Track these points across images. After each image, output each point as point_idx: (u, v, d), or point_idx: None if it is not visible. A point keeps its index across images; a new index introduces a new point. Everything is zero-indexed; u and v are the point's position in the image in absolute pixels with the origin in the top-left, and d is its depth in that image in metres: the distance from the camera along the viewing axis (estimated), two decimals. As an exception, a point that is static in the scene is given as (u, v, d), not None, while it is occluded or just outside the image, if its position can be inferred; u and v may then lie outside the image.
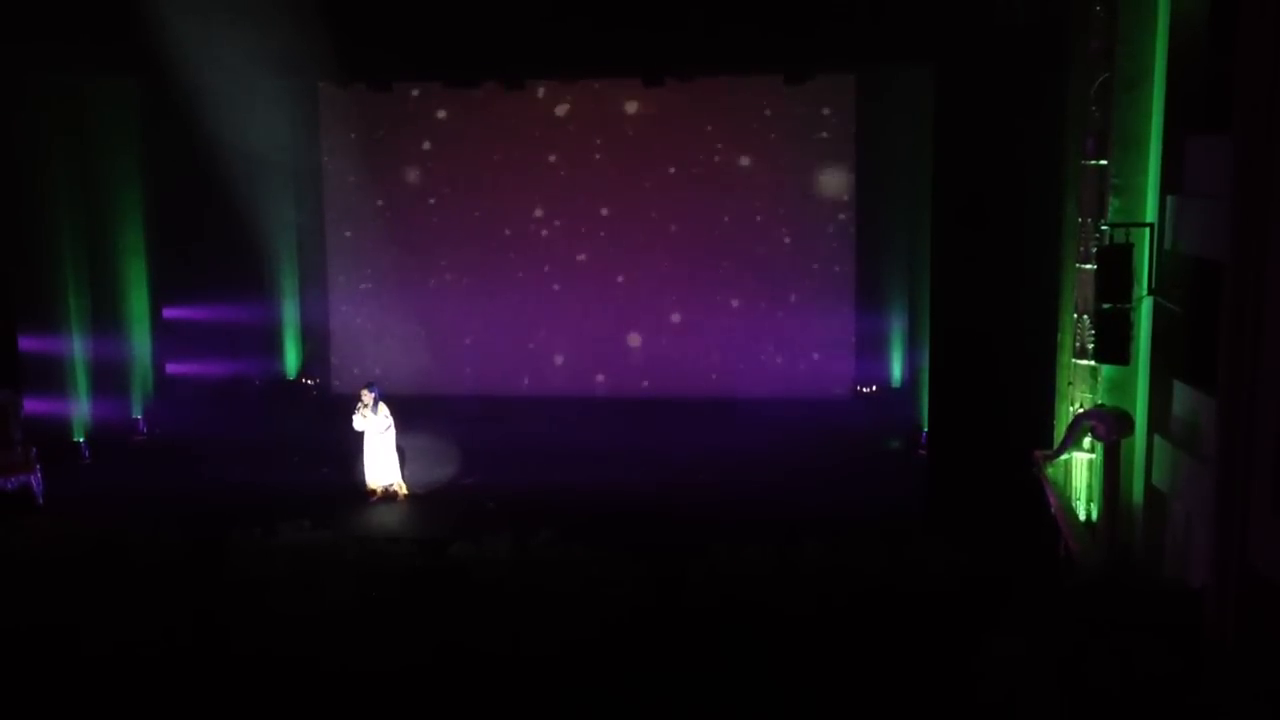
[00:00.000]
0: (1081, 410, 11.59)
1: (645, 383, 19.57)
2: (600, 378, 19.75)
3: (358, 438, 15.21)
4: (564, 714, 9.58)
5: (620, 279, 19.57)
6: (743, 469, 16.09)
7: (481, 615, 11.12)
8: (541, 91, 18.76)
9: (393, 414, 15.19)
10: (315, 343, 20.27)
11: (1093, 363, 11.36)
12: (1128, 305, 10.74)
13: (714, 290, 19.37)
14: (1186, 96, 10.44)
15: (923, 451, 15.74)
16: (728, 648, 10.21)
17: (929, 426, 15.01)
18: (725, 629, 10.57)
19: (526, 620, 10.95)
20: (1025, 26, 12.41)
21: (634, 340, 19.54)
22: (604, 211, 19.45)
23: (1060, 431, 12.15)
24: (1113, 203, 11.12)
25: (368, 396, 15.07)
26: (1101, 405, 11.34)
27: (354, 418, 15.06)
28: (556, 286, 19.64)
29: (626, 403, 19.18)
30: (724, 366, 19.50)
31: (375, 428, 15.01)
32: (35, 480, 14.92)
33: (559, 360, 19.78)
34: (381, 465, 15.10)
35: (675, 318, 19.49)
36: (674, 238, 19.33)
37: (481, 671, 10.09)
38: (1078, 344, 11.57)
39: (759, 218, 19.23)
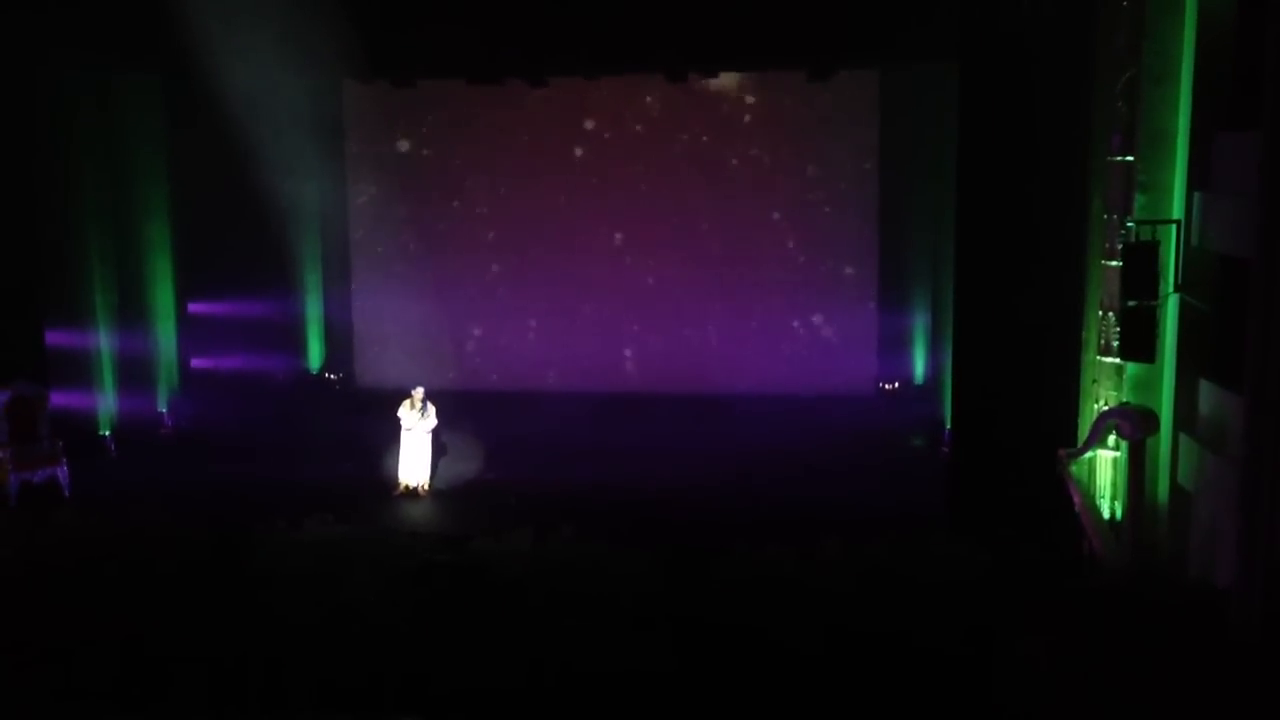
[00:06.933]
0: (1106, 408, 11.52)
1: (668, 379, 19.55)
2: (623, 374, 19.75)
3: (386, 434, 15.29)
4: (583, 713, 9.60)
5: (643, 274, 19.57)
6: (765, 465, 16.07)
7: (501, 610, 11.15)
8: (564, 88, 18.74)
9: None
10: (339, 338, 20.36)
11: (1118, 360, 11.28)
12: (1153, 302, 10.66)
13: (737, 286, 19.34)
14: (1214, 92, 10.35)
15: (946, 449, 15.68)
16: (748, 646, 10.21)
17: (952, 424, 14.94)
18: (746, 626, 10.56)
19: (546, 616, 10.97)
20: (1050, 22, 12.33)
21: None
22: (627, 207, 19.44)
23: (1084, 429, 12.08)
24: (1138, 199, 11.04)
25: (418, 394, 15.16)
26: (1126, 403, 11.27)
27: (401, 412, 15.12)
28: (580, 282, 19.65)
29: (648, 398, 19.17)
30: (747, 363, 19.46)
31: (422, 427, 15.11)
32: (62, 473, 15.06)
33: (583, 357, 19.78)
34: (417, 463, 15.19)
35: (698, 314, 19.47)
36: (697, 234, 19.31)
37: (500, 666, 10.13)
38: (1103, 341, 11.50)
39: (781, 214, 19.19)
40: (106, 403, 17.25)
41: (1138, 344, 10.76)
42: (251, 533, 13.21)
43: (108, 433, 17.19)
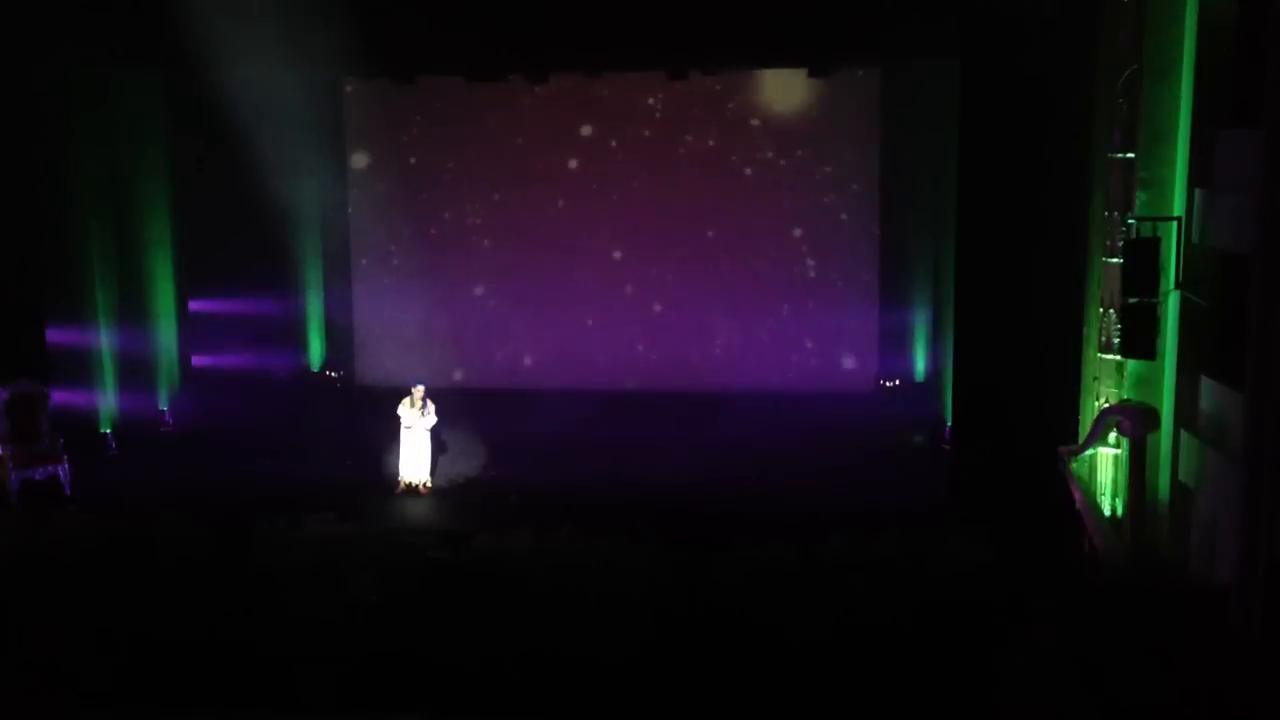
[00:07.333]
0: (1107, 405, 11.53)
1: (668, 377, 19.55)
2: (623, 371, 19.74)
3: (387, 431, 15.28)
4: (586, 709, 9.60)
5: (643, 272, 19.56)
6: (766, 463, 16.05)
7: (502, 609, 11.14)
8: (565, 87, 18.72)
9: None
10: (339, 335, 20.36)
11: (1119, 357, 11.29)
12: (1154, 299, 10.66)
13: (737, 283, 19.34)
14: (1215, 89, 10.35)
15: (947, 446, 15.69)
16: (751, 642, 10.21)
17: (953, 421, 14.95)
18: (749, 622, 10.56)
19: (547, 615, 10.97)
20: (1052, 19, 12.34)
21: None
22: (628, 206, 19.43)
23: (1085, 426, 12.09)
24: (1139, 196, 11.05)
25: (418, 392, 15.17)
26: (1127, 400, 11.27)
27: (401, 410, 15.13)
28: (580, 278, 19.65)
29: (649, 396, 19.17)
30: (748, 361, 19.46)
31: (423, 424, 15.12)
32: (63, 471, 15.07)
33: (583, 354, 19.77)
34: (417, 461, 15.20)
35: (699, 311, 19.46)
36: (697, 231, 19.31)
37: (502, 663, 10.13)
38: (1103, 338, 11.50)
39: (782, 211, 19.19)
40: (107, 401, 17.23)
41: (1138, 341, 10.76)
42: (253, 530, 13.20)
43: (109, 431, 17.18)
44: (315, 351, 20.38)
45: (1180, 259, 10.73)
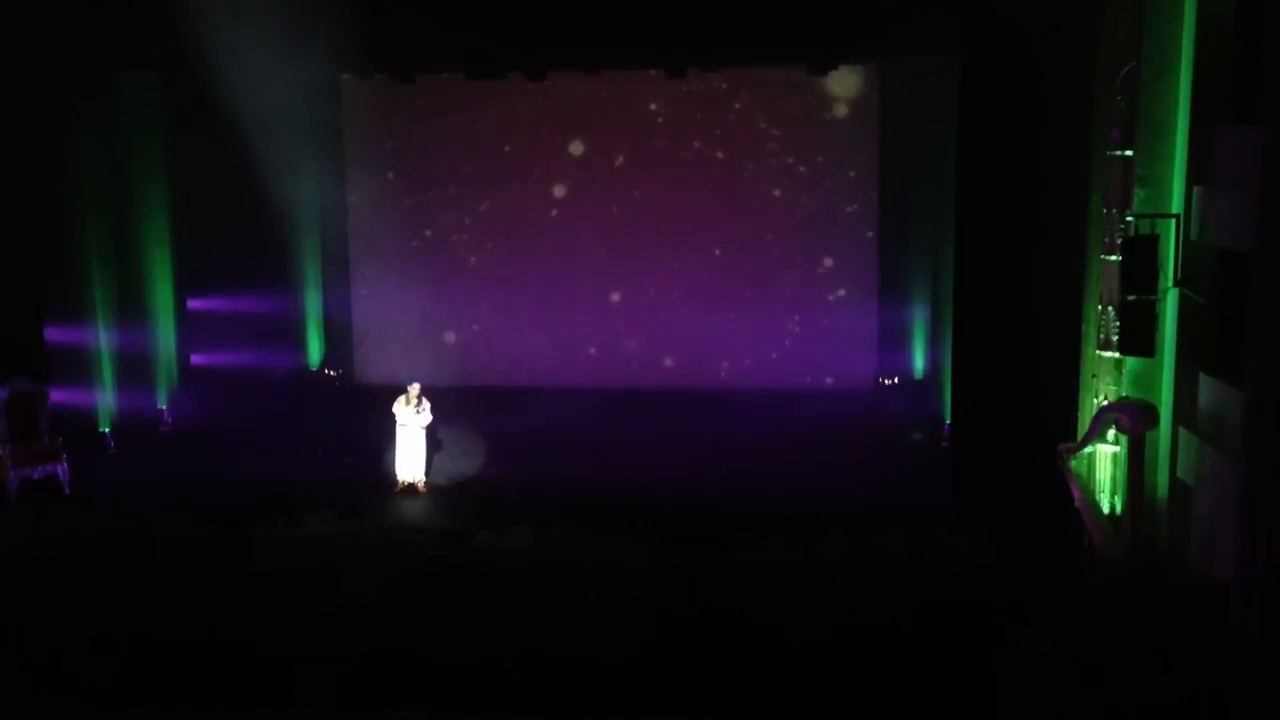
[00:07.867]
0: (1106, 403, 11.53)
1: (667, 374, 19.56)
2: (622, 369, 19.73)
3: (386, 430, 15.28)
4: (586, 706, 9.61)
5: (643, 269, 19.55)
6: (765, 461, 16.05)
7: (502, 608, 11.15)
8: (564, 83, 18.72)
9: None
10: (338, 333, 20.36)
11: (1117, 355, 11.29)
12: (1153, 297, 10.66)
13: (736, 282, 19.32)
14: (1214, 86, 10.34)
15: (946, 444, 15.69)
16: (751, 640, 10.21)
17: (952, 418, 14.95)
18: (749, 620, 10.57)
19: (547, 614, 10.97)
20: (1052, 17, 12.33)
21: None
22: (627, 203, 19.42)
23: (1084, 424, 12.09)
24: (1138, 194, 11.04)
25: (413, 390, 15.17)
26: (1126, 398, 11.27)
27: (396, 408, 15.14)
28: (578, 277, 19.65)
29: (647, 393, 19.16)
30: (746, 358, 19.46)
31: (418, 422, 15.13)
32: (62, 470, 15.07)
33: (581, 352, 19.78)
34: (413, 459, 15.21)
35: (697, 309, 19.46)
36: (696, 229, 19.29)
37: (502, 661, 10.14)
38: (1102, 336, 11.50)
39: (782, 209, 19.18)
40: (106, 399, 17.22)
41: (1137, 338, 10.76)
42: (252, 529, 13.21)
43: (107, 429, 17.18)
44: (314, 350, 20.37)
45: (1179, 256, 10.72)
